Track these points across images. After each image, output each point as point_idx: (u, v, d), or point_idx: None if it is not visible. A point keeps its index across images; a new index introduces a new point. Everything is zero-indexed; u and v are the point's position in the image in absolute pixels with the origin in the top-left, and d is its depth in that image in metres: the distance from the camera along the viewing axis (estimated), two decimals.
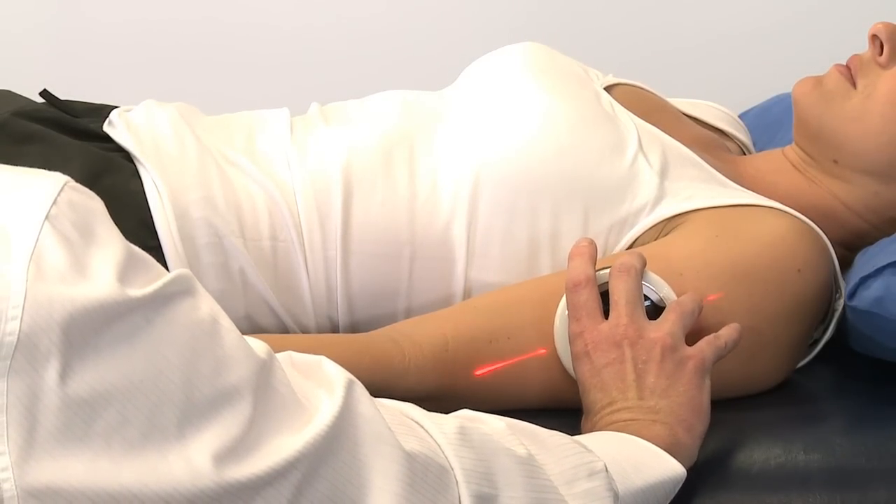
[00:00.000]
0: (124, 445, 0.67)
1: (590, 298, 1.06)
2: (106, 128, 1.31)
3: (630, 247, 1.19)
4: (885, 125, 1.21)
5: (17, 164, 1.23)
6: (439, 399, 1.03)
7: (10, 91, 1.41)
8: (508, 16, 2.06)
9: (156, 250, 1.17)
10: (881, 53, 1.23)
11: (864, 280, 1.13)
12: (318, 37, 2.09)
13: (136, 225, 1.18)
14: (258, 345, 0.75)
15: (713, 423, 1.08)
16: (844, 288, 1.17)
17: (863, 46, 1.25)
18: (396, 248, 1.19)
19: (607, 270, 1.08)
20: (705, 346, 1.05)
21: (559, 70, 1.31)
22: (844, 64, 1.25)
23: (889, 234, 1.22)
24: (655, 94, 1.38)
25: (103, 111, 1.34)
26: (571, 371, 1.08)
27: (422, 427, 0.83)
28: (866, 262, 1.15)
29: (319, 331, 1.26)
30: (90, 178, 1.23)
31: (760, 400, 1.15)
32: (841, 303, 1.18)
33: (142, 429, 0.67)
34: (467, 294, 1.20)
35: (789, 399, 1.16)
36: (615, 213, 1.19)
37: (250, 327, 1.25)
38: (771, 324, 1.13)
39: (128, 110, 1.33)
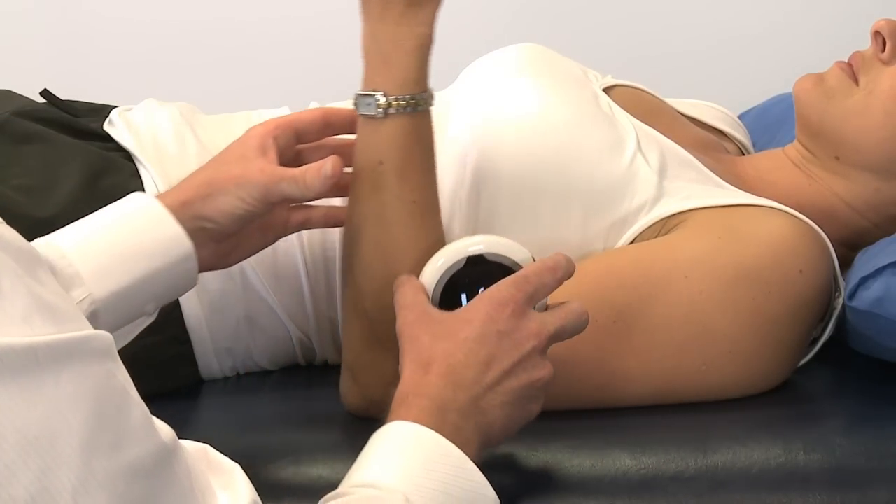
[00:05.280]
0: (8, 502, 0.63)
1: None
2: (106, 127, 1.31)
3: None
4: (887, 121, 1.22)
5: (17, 164, 1.24)
6: None
7: (10, 91, 1.41)
8: (507, 16, 2.06)
9: None
10: (883, 50, 1.23)
11: (864, 280, 1.13)
12: (319, 36, 2.09)
13: None
14: (164, 428, 0.71)
15: (713, 422, 1.08)
16: (844, 287, 1.17)
17: (862, 48, 1.25)
18: None
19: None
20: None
21: (557, 71, 1.31)
22: (846, 61, 1.25)
23: (889, 233, 1.22)
24: (654, 96, 1.38)
25: (104, 111, 1.34)
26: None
27: None
28: (866, 262, 1.15)
29: (320, 333, 1.26)
30: (90, 178, 1.23)
31: (760, 400, 1.15)
32: (840, 301, 1.18)
33: (31, 490, 0.63)
34: None
35: (789, 399, 1.16)
36: (615, 212, 1.19)
37: (250, 328, 1.25)
38: (773, 325, 1.13)
39: (128, 110, 1.34)
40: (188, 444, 0.74)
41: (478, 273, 1.03)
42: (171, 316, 1.13)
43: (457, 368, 0.95)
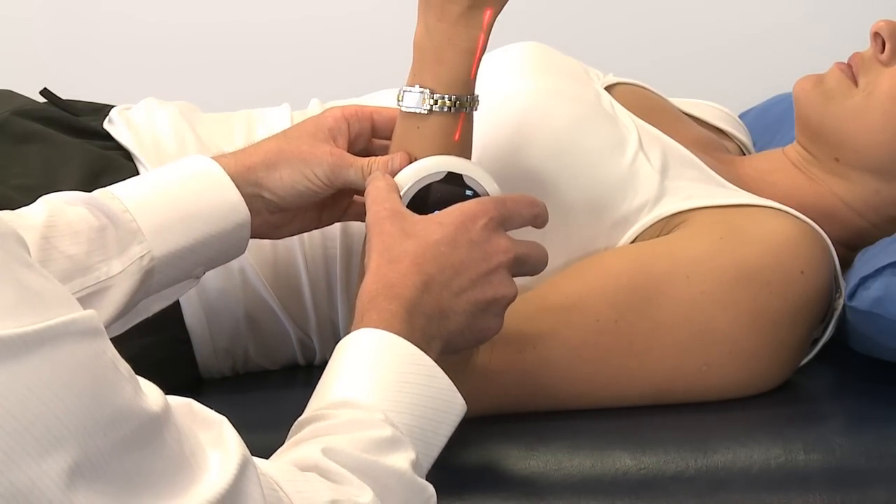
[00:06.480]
0: (9, 489, 0.63)
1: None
2: (106, 125, 1.31)
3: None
4: (887, 122, 1.22)
5: (17, 164, 1.24)
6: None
7: (10, 90, 1.41)
8: (509, 15, 2.06)
9: None
10: (882, 51, 1.23)
11: (864, 280, 1.13)
12: (319, 34, 2.09)
13: None
14: (153, 394, 0.71)
15: (713, 422, 1.08)
16: (844, 287, 1.17)
17: (861, 49, 1.25)
18: None
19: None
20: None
21: (559, 69, 1.31)
22: (846, 62, 1.25)
23: (889, 233, 1.22)
24: (656, 94, 1.38)
25: (104, 110, 1.34)
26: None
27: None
28: (866, 262, 1.15)
29: (320, 332, 1.26)
30: (89, 178, 1.23)
31: (760, 400, 1.15)
32: (840, 302, 1.18)
33: (30, 474, 0.64)
34: None
35: (789, 399, 1.16)
36: (616, 211, 1.19)
37: (250, 328, 1.25)
38: (774, 325, 1.13)
39: (128, 108, 1.34)
40: (173, 401, 0.74)
41: (450, 192, 1.05)
42: (170, 316, 1.13)
43: (425, 269, 0.96)
